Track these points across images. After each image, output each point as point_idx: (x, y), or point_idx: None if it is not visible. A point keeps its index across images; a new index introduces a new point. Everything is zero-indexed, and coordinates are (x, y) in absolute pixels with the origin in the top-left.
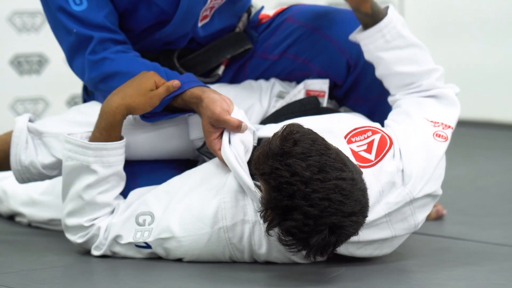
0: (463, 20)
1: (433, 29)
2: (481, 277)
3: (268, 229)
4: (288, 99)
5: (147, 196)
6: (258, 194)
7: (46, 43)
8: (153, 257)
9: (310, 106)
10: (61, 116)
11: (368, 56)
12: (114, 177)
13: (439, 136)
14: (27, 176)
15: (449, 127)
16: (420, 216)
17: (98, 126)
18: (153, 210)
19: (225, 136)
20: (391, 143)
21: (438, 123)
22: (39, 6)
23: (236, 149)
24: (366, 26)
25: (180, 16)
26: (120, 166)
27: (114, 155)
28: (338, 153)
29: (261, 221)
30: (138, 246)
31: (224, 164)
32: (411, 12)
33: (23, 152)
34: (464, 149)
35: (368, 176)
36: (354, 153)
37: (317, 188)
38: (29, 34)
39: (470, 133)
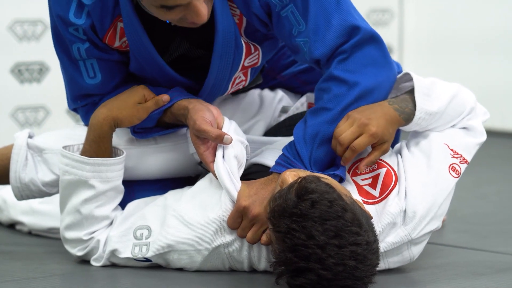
0: (461, 38)
1: (431, 47)
2: (482, 286)
3: (277, 280)
4: (291, 113)
5: (144, 210)
6: None
7: (47, 51)
8: (153, 265)
9: None
10: (61, 132)
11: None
12: (112, 191)
13: (454, 170)
14: (27, 193)
15: (466, 162)
16: (416, 250)
17: (87, 138)
18: (150, 224)
19: (219, 150)
20: (396, 180)
21: (458, 154)
22: (40, 15)
23: (230, 165)
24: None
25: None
26: (119, 181)
27: (113, 171)
28: (354, 213)
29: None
30: (137, 260)
31: (217, 178)
32: (410, 30)
33: (23, 169)
34: None
35: (371, 213)
36: (359, 187)
37: (332, 254)
38: (29, 43)
39: None
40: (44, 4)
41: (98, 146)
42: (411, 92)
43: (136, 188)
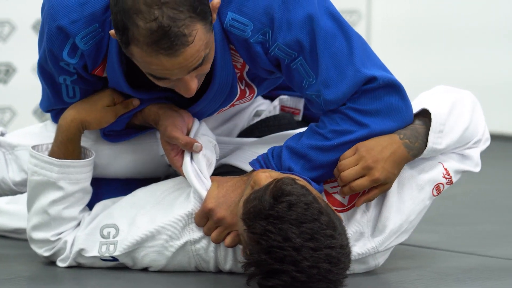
0: (429, 39)
1: (399, 48)
2: (448, 286)
3: (248, 281)
4: (264, 116)
5: (111, 209)
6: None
7: (14, 52)
8: (119, 266)
9: (284, 121)
10: (33, 128)
11: None
12: (80, 193)
13: (437, 189)
14: None
15: (451, 184)
16: (381, 258)
17: (56, 140)
18: (117, 223)
19: (187, 152)
20: (364, 191)
21: (449, 175)
22: (7, 16)
23: (199, 164)
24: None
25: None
26: (87, 183)
27: (81, 172)
28: (329, 216)
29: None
30: (104, 260)
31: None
32: (378, 22)
33: None
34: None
35: None
36: (327, 194)
37: (307, 257)
38: None
39: None
40: (11, 5)
41: (66, 148)
42: (422, 120)
43: (104, 188)
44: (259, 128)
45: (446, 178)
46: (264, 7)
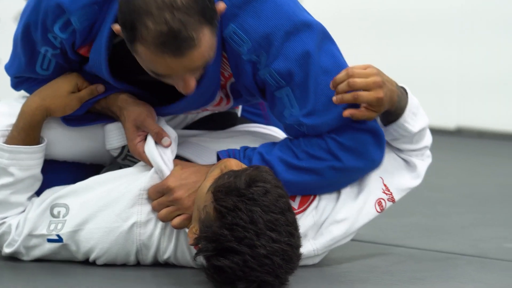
0: (361, 24)
1: (329, 22)
2: (378, 278)
3: (196, 256)
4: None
5: (63, 191)
6: None
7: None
8: (64, 255)
9: (228, 117)
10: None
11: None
12: (30, 179)
13: (380, 205)
14: None
15: (393, 201)
16: (318, 258)
17: (17, 125)
18: (68, 203)
19: (150, 137)
20: (315, 195)
21: (389, 191)
22: None
23: (163, 149)
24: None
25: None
26: (37, 169)
27: (32, 159)
28: (294, 215)
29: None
30: (50, 240)
31: (147, 166)
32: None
33: None
34: None
35: None
36: None
37: (265, 244)
38: None
39: None
40: None
41: (27, 134)
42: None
43: (53, 174)
44: (206, 123)
45: (387, 194)
46: (266, 32)
